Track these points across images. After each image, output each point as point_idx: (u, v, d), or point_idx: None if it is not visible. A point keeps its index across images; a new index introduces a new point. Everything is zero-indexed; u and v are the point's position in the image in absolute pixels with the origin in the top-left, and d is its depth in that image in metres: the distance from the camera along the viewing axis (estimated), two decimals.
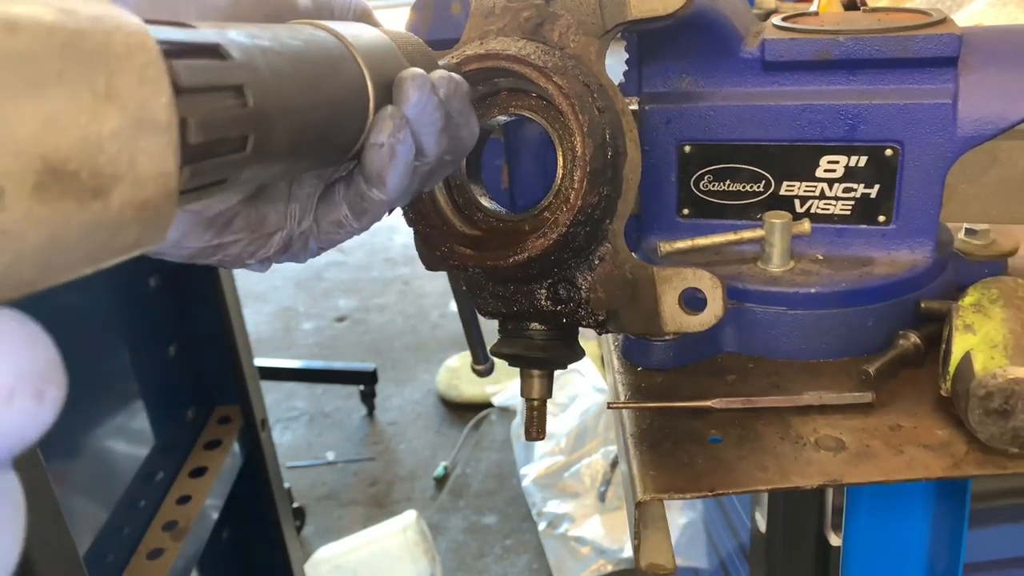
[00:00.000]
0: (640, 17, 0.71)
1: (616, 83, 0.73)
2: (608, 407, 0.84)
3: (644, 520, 0.73)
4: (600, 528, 2.49)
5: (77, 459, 1.33)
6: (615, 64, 0.91)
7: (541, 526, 2.62)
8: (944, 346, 0.79)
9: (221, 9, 0.51)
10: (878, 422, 0.77)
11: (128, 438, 1.51)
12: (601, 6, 0.71)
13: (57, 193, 0.26)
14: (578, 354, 0.79)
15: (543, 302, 0.75)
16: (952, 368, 0.74)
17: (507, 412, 3.32)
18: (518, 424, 3.07)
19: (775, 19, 0.95)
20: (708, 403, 0.80)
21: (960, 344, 0.74)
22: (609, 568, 2.41)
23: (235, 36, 0.41)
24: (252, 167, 0.41)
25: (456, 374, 3.53)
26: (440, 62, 0.72)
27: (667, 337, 0.86)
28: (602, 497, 2.56)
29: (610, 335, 0.96)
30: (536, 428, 0.80)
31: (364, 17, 0.63)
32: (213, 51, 0.38)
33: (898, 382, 0.83)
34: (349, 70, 0.50)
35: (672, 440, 0.78)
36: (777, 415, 0.80)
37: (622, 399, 0.85)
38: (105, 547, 1.34)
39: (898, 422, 0.77)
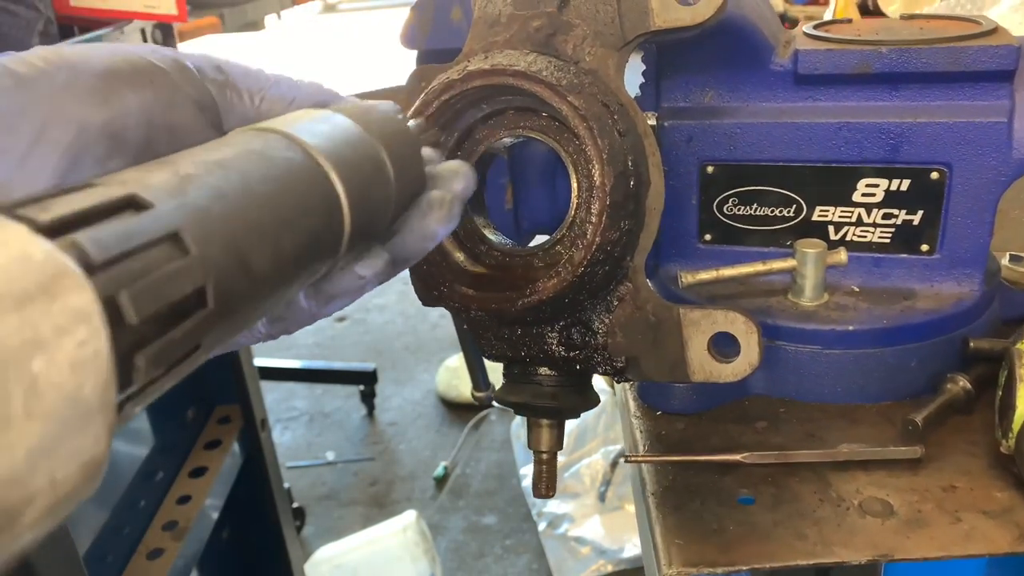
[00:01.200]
0: (664, 27, 0.63)
1: (632, 97, 0.64)
2: (626, 460, 0.75)
3: None
4: (600, 528, 2.46)
5: None
6: (629, 75, 0.83)
7: (541, 526, 2.59)
8: (1001, 394, 0.70)
9: (96, 71, 0.43)
10: (928, 481, 0.69)
11: (128, 438, 1.51)
12: (621, 15, 0.63)
13: None
14: (592, 402, 0.71)
15: (554, 347, 0.67)
16: (1016, 425, 0.66)
17: (507, 412, 3.29)
18: (518, 424, 3.04)
19: (806, 27, 0.87)
20: (738, 457, 0.72)
21: None
22: (609, 568, 2.38)
23: (154, 179, 0.33)
24: (221, 321, 0.33)
25: (456, 374, 3.49)
26: (441, 76, 0.63)
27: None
28: (602, 497, 2.53)
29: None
30: (545, 484, 0.72)
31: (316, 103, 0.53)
32: (127, 204, 0.31)
33: (947, 431, 0.75)
34: (317, 184, 0.40)
35: (698, 500, 0.69)
36: (813, 471, 0.72)
37: (641, 449, 0.77)
38: (105, 547, 1.33)
39: (951, 482, 0.69)
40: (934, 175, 0.79)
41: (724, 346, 0.64)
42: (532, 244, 0.69)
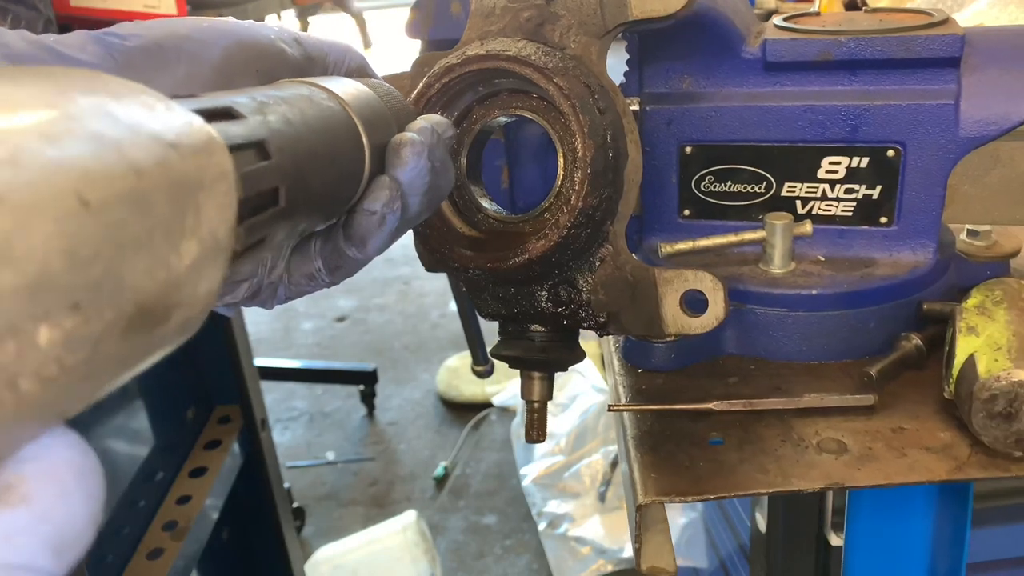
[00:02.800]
0: (641, 17, 0.70)
1: (617, 84, 0.72)
2: (608, 409, 0.83)
3: (645, 523, 0.73)
4: (600, 528, 2.48)
5: None
6: (616, 64, 0.91)
7: (541, 526, 2.62)
8: (947, 348, 0.78)
9: (214, 64, 0.51)
10: (880, 424, 0.77)
11: (128, 438, 1.51)
12: (602, 7, 0.71)
13: (138, 328, 0.27)
14: (579, 356, 0.79)
15: (544, 304, 0.75)
16: (955, 371, 0.73)
17: (507, 412, 3.31)
18: (518, 424, 3.06)
19: (776, 19, 0.94)
20: (709, 405, 0.80)
21: (964, 347, 0.73)
22: (609, 568, 2.41)
23: (276, 124, 0.42)
24: (286, 221, 0.42)
25: (456, 374, 3.52)
26: (441, 61, 0.71)
27: (668, 339, 0.85)
28: (602, 497, 2.56)
29: (611, 337, 0.95)
30: (537, 430, 0.80)
31: (360, 71, 0.63)
32: (226, 113, 0.39)
33: (900, 384, 0.83)
34: (348, 130, 0.51)
35: (673, 442, 0.77)
36: (778, 417, 0.80)
37: (623, 401, 0.85)
38: (105, 547, 1.34)
39: (900, 424, 0.77)
40: (890, 153, 0.87)
41: (694, 304, 0.72)
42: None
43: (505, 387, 3.33)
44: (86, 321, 0.24)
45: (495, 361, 1.12)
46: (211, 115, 0.37)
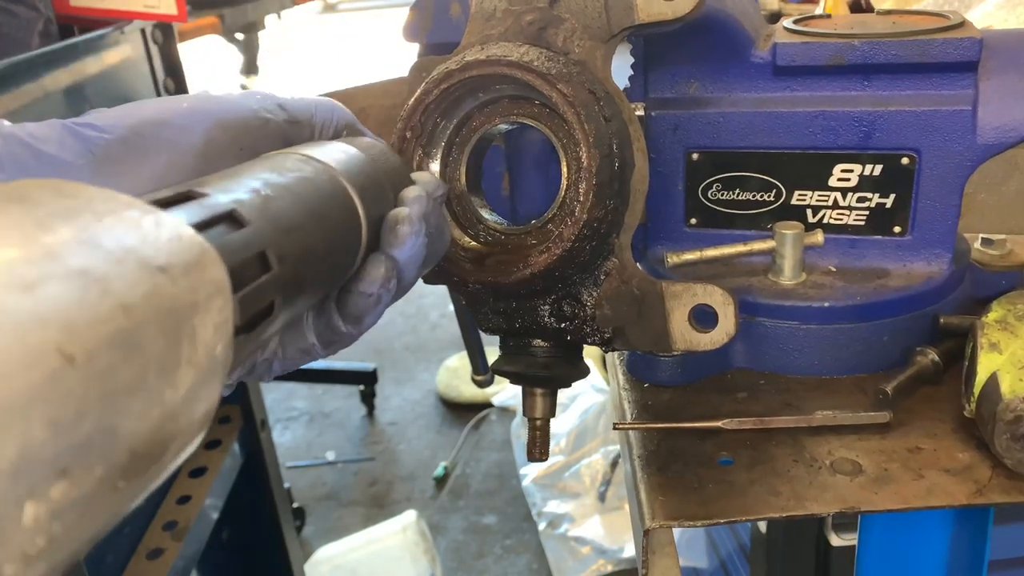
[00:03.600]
0: (648, 21, 0.67)
1: (621, 88, 0.69)
2: (614, 427, 0.81)
3: (652, 547, 0.70)
4: (600, 528, 2.46)
5: None
6: (619, 67, 0.88)
7: (541, 526, 2.60)
8: (967, 364, 0.75)
9: (195, 149, 0.49)
10: (896, 444, 0.74)
11: None
12: (607, 10, 0.68)
13: (133, 472, 0.25)
14: (583, 372, 0.76)
15: (547, 319, 0.72)
16: (977, 389, 0.70)
17: (507, 412, 3.29)
18: (518, 424, 3.05)
19: (786, 22, 0.92)
20: (718, 423, 0.77)
21: (986, 364, 0.70)
22: (609, 568, 2.39)
23: (244, 196, 0.39)
24: (282, 321, 0.41)
25: (456, 374, 3.50)
26: (440, 66, 0.69)
27: (675, 354, 0.83)
28: (602, 497, 2.54)
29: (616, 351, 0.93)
30: (539, 448, 0.77)
31: (349, 130, 0.62)
32: (229, 217, 0.37)
33: (916, 401, 0.80)
34: (345, 207, 0.49)
35: (681, 462, 0.74)
36: (790, 436, 0.77)
37: (628, 418, 0.82)
38: (105, 547, 1.33)
39: (917, 444, 0.74)
40: (904, 160, 0.84)
41: (703, 319, 0.69)
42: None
43: (505, 387, 3.31)
44: (75, 485, 0.22)
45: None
46: (206, 224, 0.35)
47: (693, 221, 0.93)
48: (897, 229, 0.87)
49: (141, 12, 1.52)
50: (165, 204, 0.35)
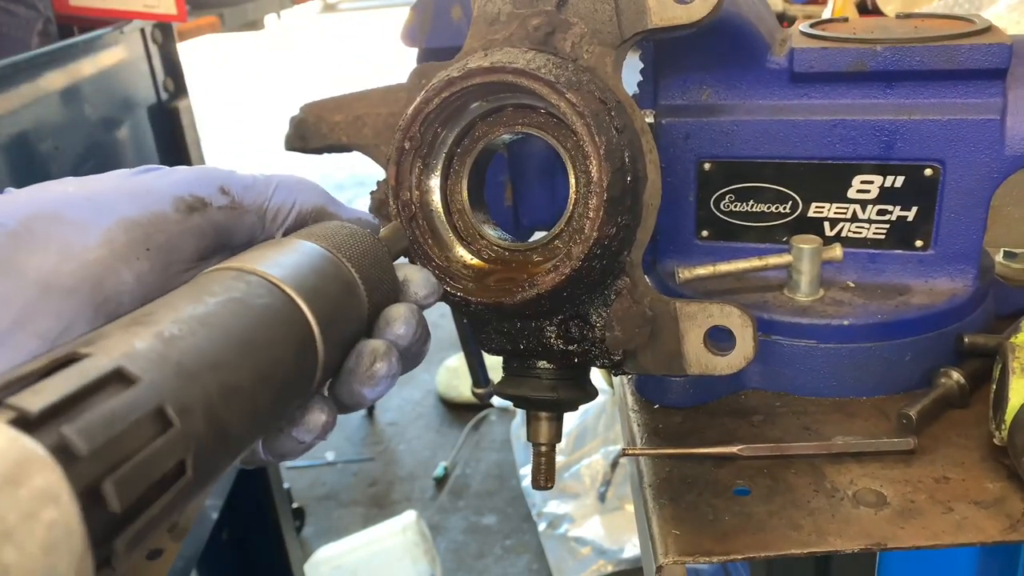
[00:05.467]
0: (661, 25, 0.63)
1: (630, 95, 0.65)
2: (623, 454, 0.77)
3: None
4: (600, 528, 2.45)
5: None
6: (627, 72, 0.84)
7: (541, 526, 2.59)
8: (996, 388, 0.71)
9: (89, 250, 0.43)
10: (922, 473, 0.70)
11: None
12: (618, 14, 0.64)
13: None
14: (590, 395, 0.72)
15: (553, 340, 0.68)
16: (1008, 416, 0.66)
17: (507, 412, 3.29)
18: (518, 424, 3.04)
19: (802, 26, 0.88)
20: (733, 449, 0.73)
21: (1018, 389, 0.66)
22: (609, 568, 2.38)
23: (141, 344, 0.33)
24: (198, 487, 0.34)
25: (456, 374, 3.49)
26: (441, 73, 0.64)
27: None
28: (602, 497, 2.52)
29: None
30: (545, 475, 0.73)
31: (319, 215, 0.55)
32: (115, 379, 0.31)
33: (941, 425, 0.76)
34: (302, 349, 0.42)
35: (695, 492, 0.70)
36: (809, 463, 0.73)
37: (638, 442, 0.78)
38: None
39: (944, 473, 0.70)
40: (928, 172, 0.80)
41: (720, 339, 0.65)
42: (531, 239, 0.70)
43: None
44: None
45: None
46: (89, 391, 0.30)
47: (705, 234, 0.89)
48: (919, 243, 0.83)
49: (140, 12, 1.53)
50: (40, 375, 0.30)
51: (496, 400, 3.30)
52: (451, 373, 3.51)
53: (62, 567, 0.25)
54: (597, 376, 2.86)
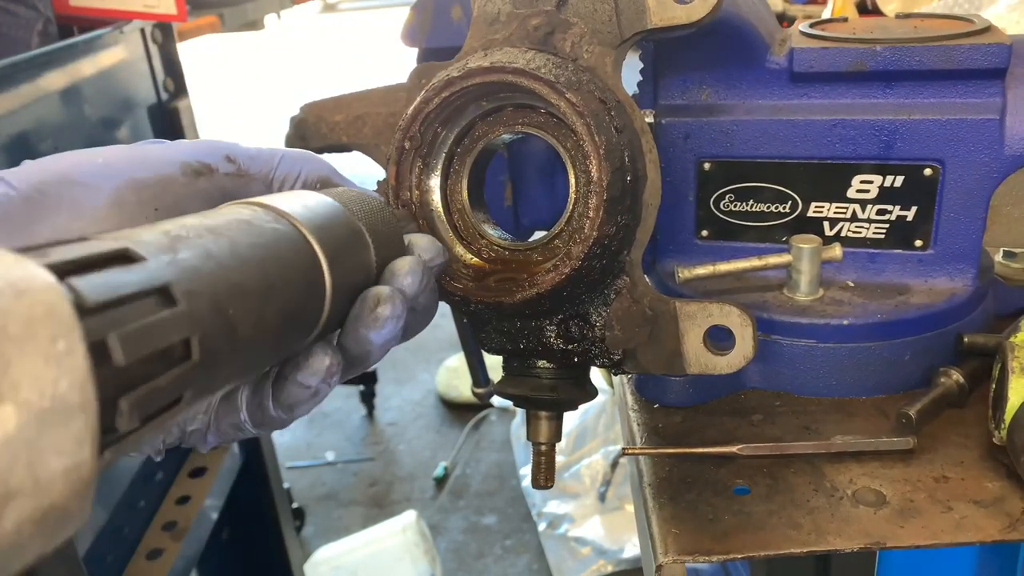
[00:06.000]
0: (661, 25, 0.64)
1: (630, 95, 0.65)
2: (623, 453, 0.77)
3: None
4: (600, 528, 2.45)
5: None
6: (627, 72, 0.84)
7: (541, 526, 2.59)
8: (995, 387, 0.71)
9: (98, 210, 0.45)
10: (921, 472, 0.70)
11: None
12: (618, 13, 0.64)
13: None
14: (590, 394, 0.72)
15: (553, 340, 0.68)
16: (1008, 416, 0.67)
17: (507, 412, 3.29)
18: (518, 424, 3.04)
19: (802, 25, 0.88)
20: (733, 449, 0.73)
21: (1017, 389, 0.67)
22: (609, 568, 2.38)
23: (187, 259, 0.34)
24: (204, 376, 0.34)
25: (456, 374, 3.49)
26: (441, 73, 0.65)
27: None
28: (602, 497, 2.53)
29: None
30: (544, 475, 0.73)
31: (323, 183, 0.56)
32: (120, 257, 0.32)
33: (940, 424, 0.76)
34: (308, 278, 0.43)
35: (695, 491, 0.71)
36: (808, 462, 0.73)
37: (638, 441, 0.78)
38: (105, 547, 1.33)
39: (943, 472, 0.70)
40: (927, 172, 0.80)
41: (720, 339, 0.65)
42: (531, 239, 0.70)
43: None
44: None
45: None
46: (95, 262, 0.30)
47: (704, 233, 0.89)
48: (919, 243, 0.83)
49: (140, 12, 1.52)
50: (94, 263, 0.30)
51: (496, 400, 3.30)
52: (451, 373, 3.52)
53: (65, 382, 0.25)
54: (597, 376, 2.86)
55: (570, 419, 2.75)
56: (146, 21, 1.55)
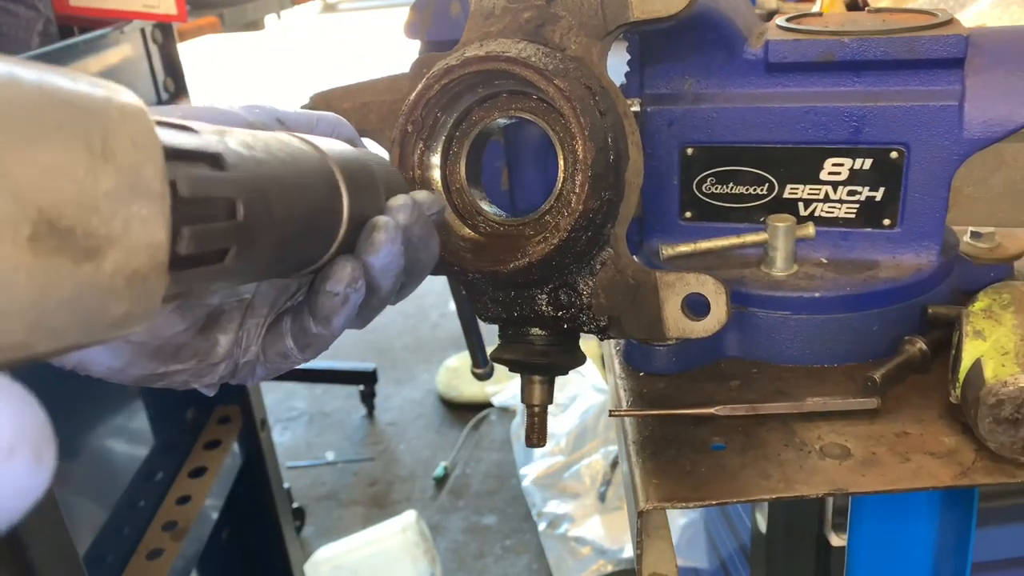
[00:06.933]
0: (642, 18, 0.69)
1: (617, 84, 0.72)
2: (610, 415, 0.83)
3: (646, 528, 0.72)
4: (600, 528, 2.47)
5: (77, 459, 1.32)
6: (616, 64, 0.90)
7: (541, 526, 2.61)
8: (954, 352, 0.77)
9: None
10: (884, 429, 0.76)
11: (128, 438, 1.51)
12: (603, 7, 0.70)
13: (52, 247, 0.26)
14: (579, 359, 0.78)
15: (544, 307, 0.74)
16: (962, 375, 0.73)
17: (507, 412, 3.30)
18: (518, 424, 3.05)
19: (779, 20, 0.94)
20: (711, 410, 0.79)
21: (970, 351, 0.73)
22: (609, 568, 2.40)
23: (233, 145, 0.40)
24: (225, 280, 0.41)
25: (456, 374, 3.51)
26: (440, 62, 0.71)
27: (669, 342, 0.85)
28: (602, 497, 2.55)
29: (611, 340, 0.95)
30: (537, 434, 0.79)
31: (350, 143, 0.62)
32: (213, 160, 0.38)
33: (904, 388, 0.82)
34: (329, 191, 0.50)
35: (675, 447, 0.77)
36: (781, 422, 0.79)
37: (624, 405, 0.84)
38: (105, 547, 1.34)
39: (904, 429, 0.76)
40: (893, 155, 0.86)
41: (696, 307, 0.71)
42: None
43: (505, 387, 3.32)
44: None
45: (494, 364, 1.12)
46: (194, 156, 0.36)
47: (688, 215, 0.95)
48: (887, 222, 0.89)
49: (141, 12, 1.53)
50: (161, 123, 0.36)
51: (496, 400, 3.34)
52: (451, 373, 3.54)
53: (148, 169, 0.30)
54: (597, 376, 2.90)
55: (570, 419, 2.78)
56: (146, 21, 1.56)
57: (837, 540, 1.15)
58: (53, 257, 0.26)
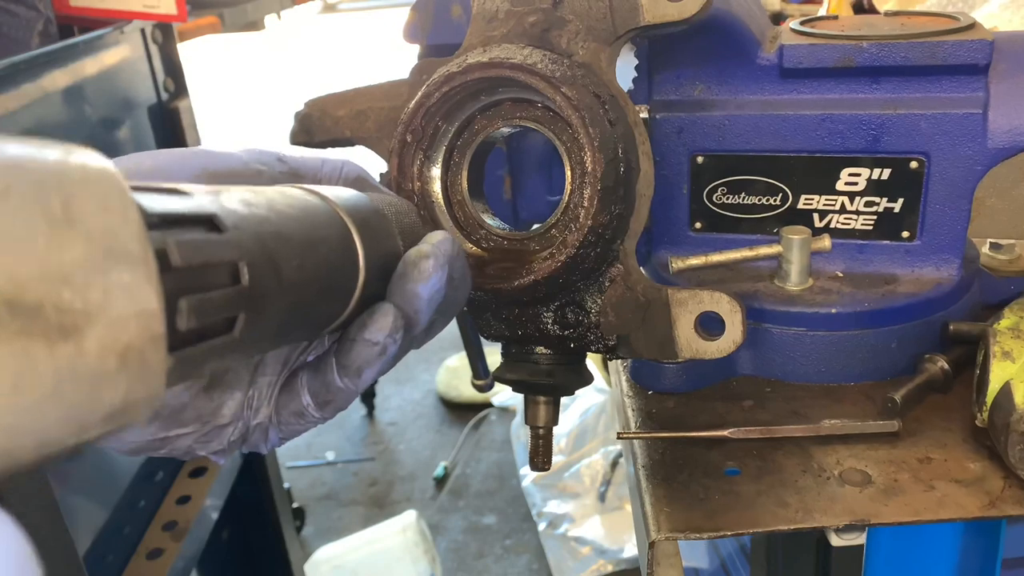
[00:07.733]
0: (654, 22, 0.66)
1: (625, 90, 0.68)
2: (618, 437, 0.79)
3: (657, 559, 0.68)
4: (600, 528, 2.46)
5: (77, 459, 1.30)
6: (623, 68, 0.86)
7: (541, 526, 2.60)
8: (979, 372, 0.74)
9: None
10: (906, 453, 0.73)
11: None
12: (612, 11, 0.66)
13: (16, 330, 0.23)
14: (586, 379, 0.74)
15: (550, 326, 0.70)
16: (989, 399, 0.69)
17: (507, 412, 3.30)
18: (518, 424, 3.04)
19: (792, 23, 0.90)
20: (724, 433, 0.75)
21: (998, 372, 0.69)
22: (609, 568, 2.39)
23: (230, 204, 0.37)
24: (237, 352, 0.37)
25: (456, 374, 3.50)
26: (441, 68, 0.67)
27: (680, 360, 0.81)
28: (602, 497, 2.54)
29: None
30: (542, 457, 0.75)
31: (358, 183, 0.59)
32: (208, 222, 0.35)
33: (925, 409, 0.78)
34: (342, 244, 0.46)
35: (687, 472, 0.73)
36: (798, 445, 0.75)
37: (632, 426, 0.80)
38: (105, 547, 1.33)
39: (927, 454, 0.72)
40: (913, 164, 0.83)
41: (710, 325, 0.68)
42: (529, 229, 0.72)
43: (505, 387, 3.29)
44: None
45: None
46: (186, 221, 0.33)
47: (698, 225, 0.92)
48: (905, 234, 0.86)
49: (141, 12, 1.52)
50: (142, 188, 0.33)
51: (496, 400, 3.32)
52: (451, 373, 3.52)
53: (124, 232, 0.28)
54: (597, 376, 2.88)
55: (570, 419, 2.76)
56: (146, 21, 1.55)
57: (838, 540, 1.12)
58: (20, 341, 0.23)
